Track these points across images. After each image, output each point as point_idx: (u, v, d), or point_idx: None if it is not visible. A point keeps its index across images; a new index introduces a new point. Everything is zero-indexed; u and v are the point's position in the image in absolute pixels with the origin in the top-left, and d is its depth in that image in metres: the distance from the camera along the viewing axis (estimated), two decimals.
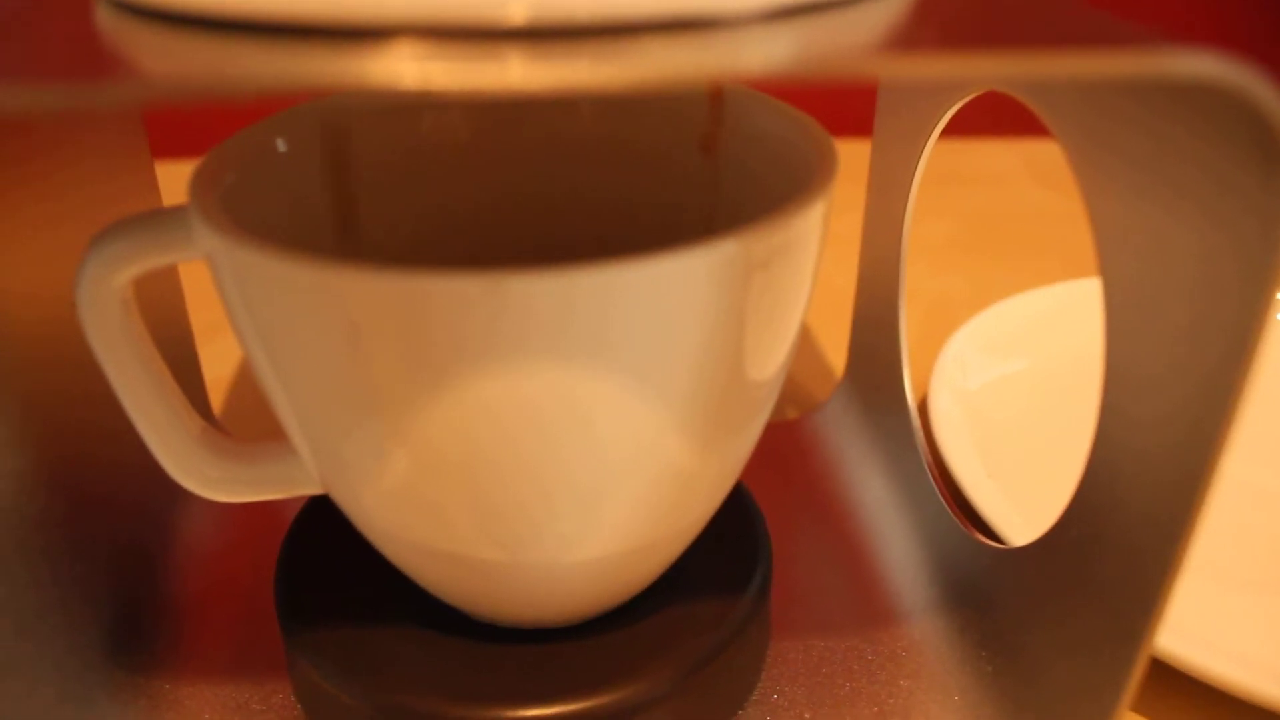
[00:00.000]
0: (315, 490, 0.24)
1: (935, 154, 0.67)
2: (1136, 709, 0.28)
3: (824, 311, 0.48)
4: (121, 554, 0.28)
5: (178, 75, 0.13)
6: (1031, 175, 0.66)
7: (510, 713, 0.23)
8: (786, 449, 0.36)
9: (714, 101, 0.26)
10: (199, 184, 0.21)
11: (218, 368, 0.44)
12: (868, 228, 0.35)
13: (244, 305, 0.19)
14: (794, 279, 0.20)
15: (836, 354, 0.45)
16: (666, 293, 0.17)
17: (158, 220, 0.21)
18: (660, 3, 0.15)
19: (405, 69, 0.13)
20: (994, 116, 0.82)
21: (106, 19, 0.17)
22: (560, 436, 0.19)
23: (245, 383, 0.43)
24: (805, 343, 0.46)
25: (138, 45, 0.16)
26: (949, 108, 0.28)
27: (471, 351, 0.17)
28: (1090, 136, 0.21)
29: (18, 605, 0.22)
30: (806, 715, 0.27)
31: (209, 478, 0.23)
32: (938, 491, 0.31)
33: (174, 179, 0.49)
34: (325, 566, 0.27)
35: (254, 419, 0.41)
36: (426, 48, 0.14)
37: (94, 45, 0.16)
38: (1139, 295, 0.20)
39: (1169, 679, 0.28)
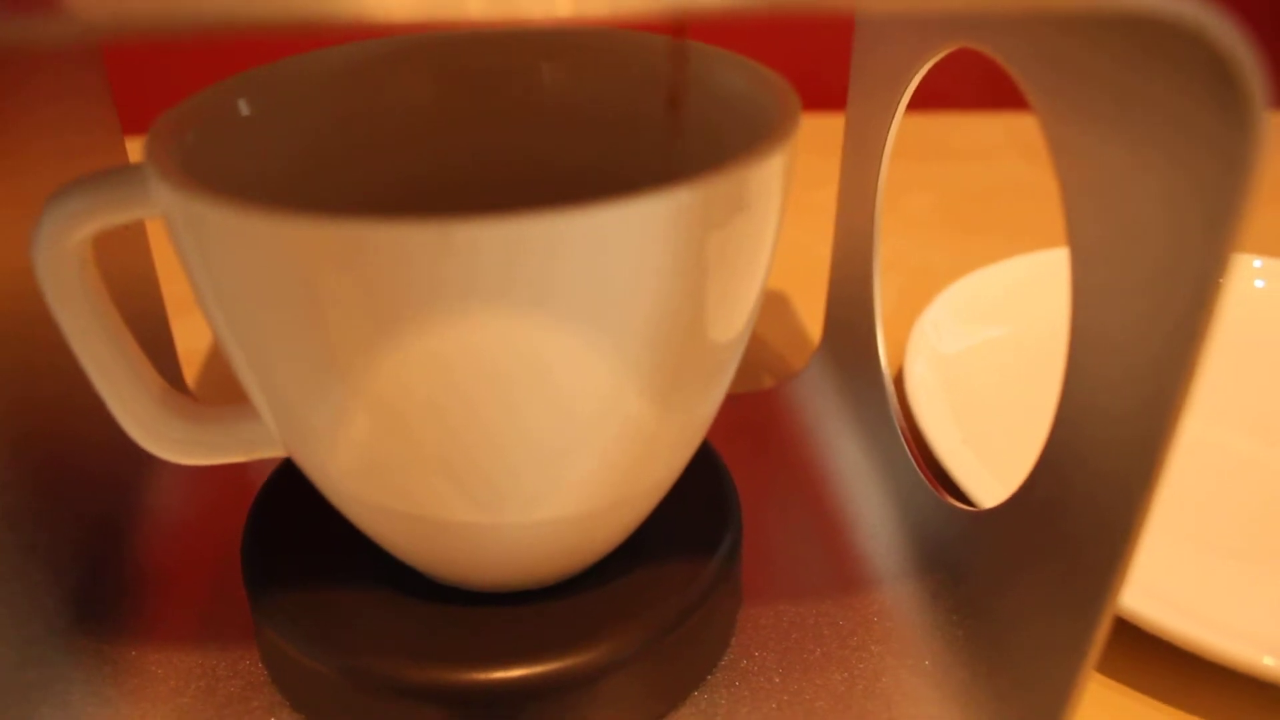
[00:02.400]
0: (278, 452, 0.24)
1: (918, 127, 0.67)
2: (1103, 671, 0.28)
3: (801, 281, 0.48)
4: (86, 522, 0.28)
5: (126, 5, 0.13)
6: (1015, 149, 0.66)
7: (475, 675, 0.23)
8: (762, 417, 0.36)
9: (678, 56, 0.25)
10: (156, 140, 0.21)
11: (191, 340, 0.43)
12: (842, 195, 0.35)
13: (201, 261, 0.19)
14: (753, 233, 0.20)
15: (813, 323, 0.45)
16: (616, 242, 0.17)
17: (115, 177, 0.21)
18: None
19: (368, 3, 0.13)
20: (977, 89, 0.82)
21: None
22: (515, 391, 0.19)
23: (220, 356, 0.43)
24: (782, 312, 0.46)
25: None
26: (920, 67, 0.28)
27: (422, 304, 0.17)
28: (1056, 92, 0.21)
29: None
30: (776, 680, 0.27)
31: (170, 439, 0.23)
32: (911, 457, 0.31)
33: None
34: (291, 533, 0.27)
35: (229, 393, 0.40)
36: None
37: None
38: (1105, 251, 0.20)
39: (1136, 642, 0.28)
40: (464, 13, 0.13)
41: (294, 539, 0.27)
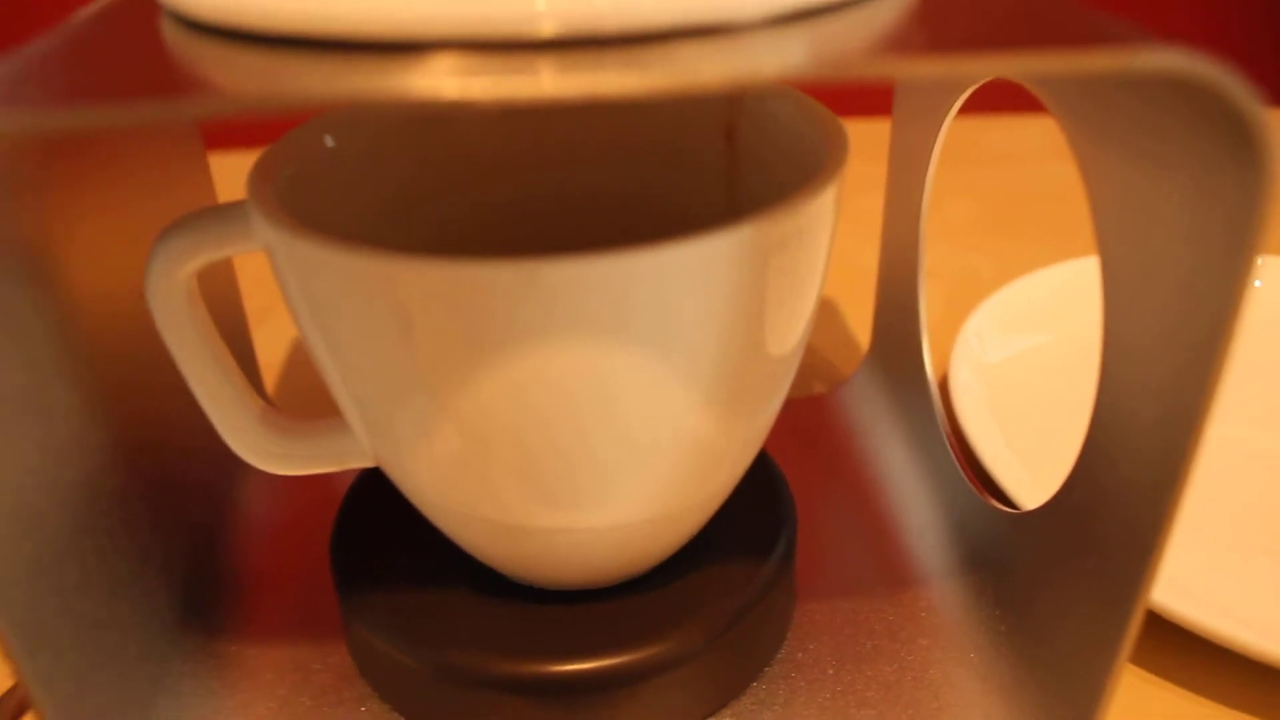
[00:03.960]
0: (367, 463, 0.26)
1: (957, 132, 0.68)
2: (1136, 662, 0.29)
3: (849, 289, 0.49)
4: (190, 528, 0.30)
5: (240, 91, 0.15)
6: (1054, 152, 0.67)
7: (550, 668, 0.25)
8: (813, 423, 0.38)
9: (735, 91, 0.27)
10: (257, 179, 0.23)
11: (268, 351, 0.46)
12: (888, 207, 0.36)
13: (301, 293, 0.21)
14: (808, 260, 0.22)
15: (862, 330, 0.46)
16: (685, 277, 0.19)
17: (218, 215, 0.23)
18: (678, 11, 0.16)
19: (445, 83, 0.15)
20: (1015, 94, 0.83)
21: (171, 34, 0.19)
22: (592, 412, 0.20)
23: (295, 364, 0.45)
24: (831, 320, 0.47)
25: (201, 60, 0.17)
26: (963, 91, 0.30)
27: (506, 333, 0.19)
28: (1086, 120, 0.22)
29: (106, 572, 0.24)
30: (830, 671, 0.28)
31: (270, 453, 0.25)
32: (956, 461, 0.32)
33: (224, 169, 0.51)
34: (376, 535, 0.29)
35: (305, 399, 0.43)
36: (464, 61, 0.16)
37: (163, 62, 0.17)
38: (1133, 267, 0.22)
39: (1168, 635, 0.30)
40: (539, 93, 0.14)
41: (379, 540, 0.29)
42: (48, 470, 0.22)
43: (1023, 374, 0.40)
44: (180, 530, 0.29)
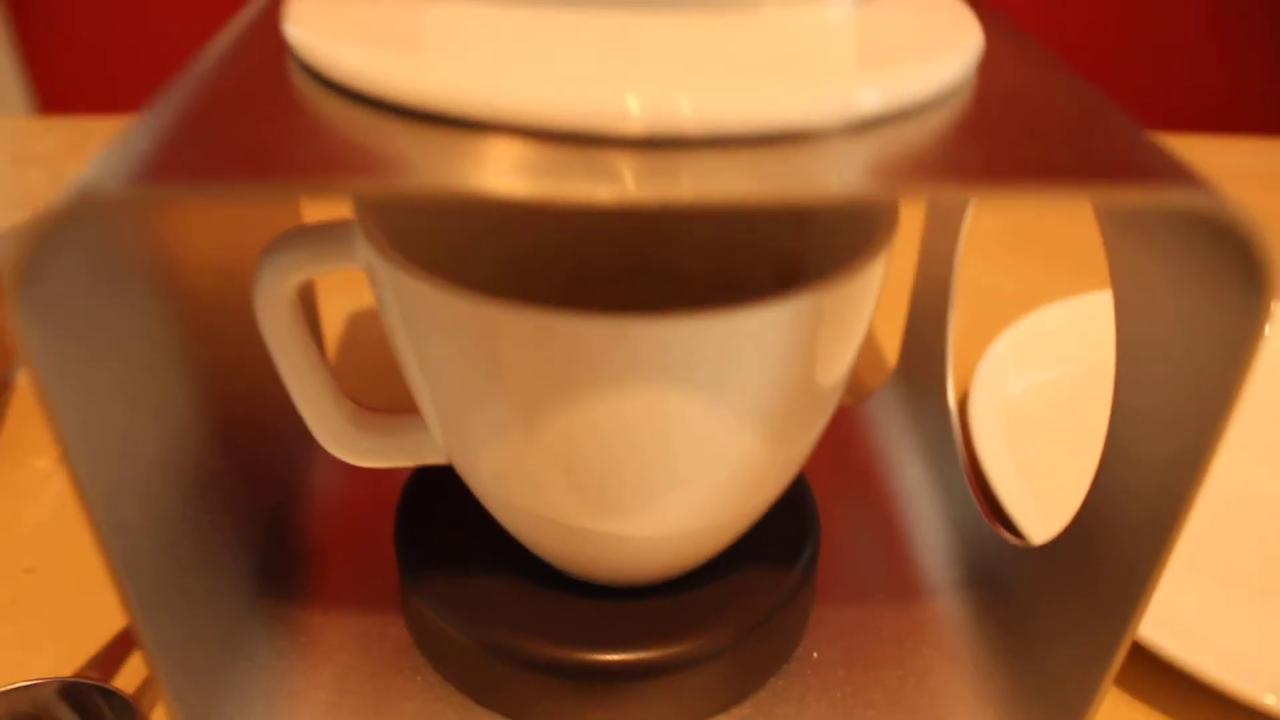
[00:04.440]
0: (441, 461, 0.29)
1: None
2: (1120, 685, 0.32)
3: (883, 303, 0.51)
4: (268, 509, 0.33)
5: (335, 179, 0.17)
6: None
7: (591, 656, 0.28)
8: (840, 433, 0.40)
9: None
10: (363, 207, 0.25)
11: (327, 323, 0.48)
12: (928, 229, 0.38)
13: (400, 317, 0.24)
14: (858, 318, 0.24)
15: (891, 345, 0.49)
16: (750, 337, 0.21)
17: (321, 236, 0.25)
18: (758, 119, 0.19)
19: (525, 184, 0.17)
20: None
21: (300, 84, 0.21)
22: (654, 445, 0.23)
23: (349, 348, 0.48)
24: (866, 338, 0.50)
25: (345, 128, 0.20)
26: None
27: (591, 377, 0.22)
28: (1116, 219, 0.25)
29: (204, 548, 0.27)
30: (841, 672, 0.31)
31: (356, 449, 0.28)
32: (969, 487, 0.35)
33: None
34: (437, 520, 0.32)
35: (358, 383, 0.45)
36: (550, 153, 0.18)
37: (306, 133, 0.19)
38: (1144, 351, 0.24)
39: (1151, 664, 0.32)
40: (620, 199, 0.17)
41: (439, 525, 0.31)
42: (166, 460, 0.25)
43: (1040, 405, 0.42)
44: (260, 510, 0.32)
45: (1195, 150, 0.73)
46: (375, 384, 0.45)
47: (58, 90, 0.82)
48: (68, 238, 0.19)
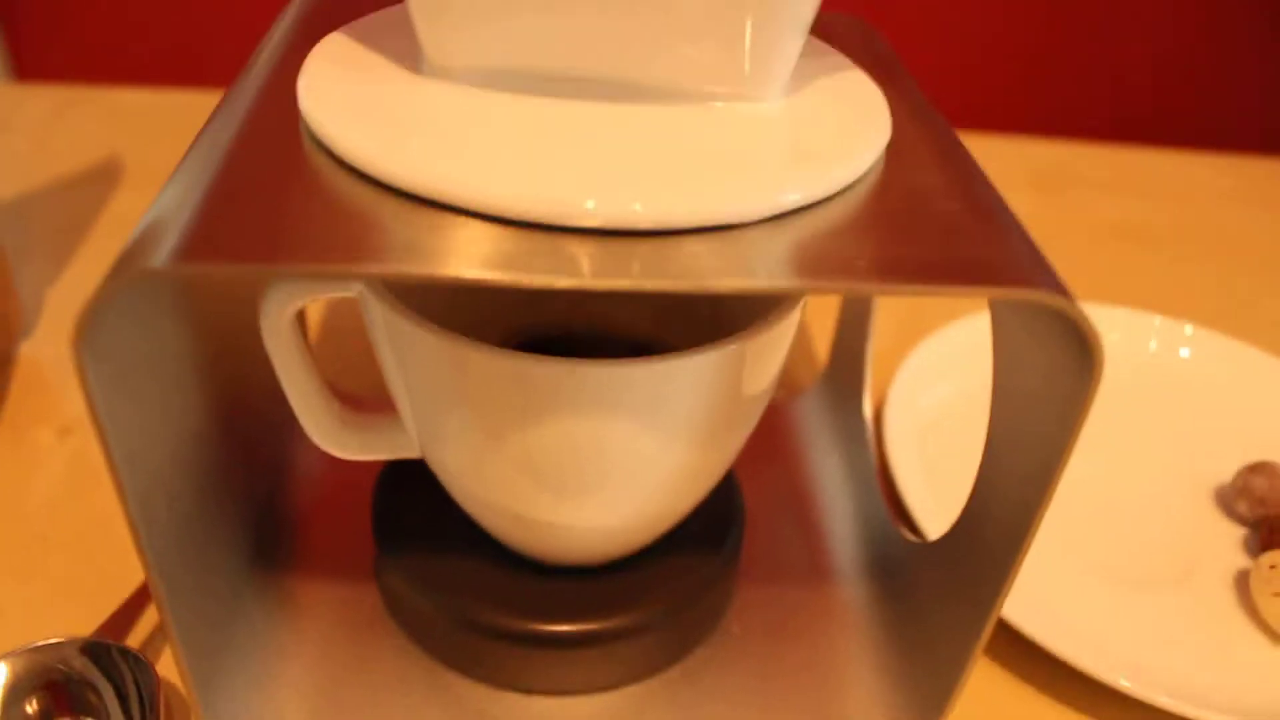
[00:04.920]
0: (415, 455, 0.33)
1: None
2: (990, 656, 0.37)
3: (821, 305, 0.56)
4: (261, 493, 0.37)
5: (338, 266, 0.21)
6: (1028, 178, 0.73)
7: (542, 626, 0.32)
8: (769, 427, 0.45)
9: None
10: None
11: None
12: None
13: (386, 342, 0.28)
14: (780, 349, 0.29)
15: (825, 344, 0.53)
16: (680, 378, 0.26)
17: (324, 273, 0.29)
18: (697, 215, 0.23)
19: (499, 272, 0.21)
20: (992, 110, 0.89)
21: (314, 158, 0.25)
22: (600, 458, 0.28)
23: (330, 335, 0.52)
24: (799, 336, 0.54)
25: (360, 214, 0.23)
26: None
27: (546, 405, 0.26)
28: (996, 304, 0.29)
29: (205, 525, 0.31)
30: (759, 644, 0.36)
31: (344, 444, 0.32)
32: (878, 488, 0.40)
33: None
34: (408, 503, 0.36)
35: (338, 368, 0.49)
36: (512, 239, 0.22)
37: (323, 217, 0.23)
38: (1013, 391, 0.29)
39: (1028, 650, 0.37)
40: (577, 283, 0.21)
41: (410, 508, 0.36)
42: (184, 457, 0.29)
43: (948, 414, 0.47)
44: (256, 495, 0.36)
45: (1164, 164, 0.78)
46: (353, 370, 0.49)
47: (37, 56, 0.83)
48: (118, 299, 0.23)
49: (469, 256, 0.21)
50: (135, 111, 0.71)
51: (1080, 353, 0.24)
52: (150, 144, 0.67)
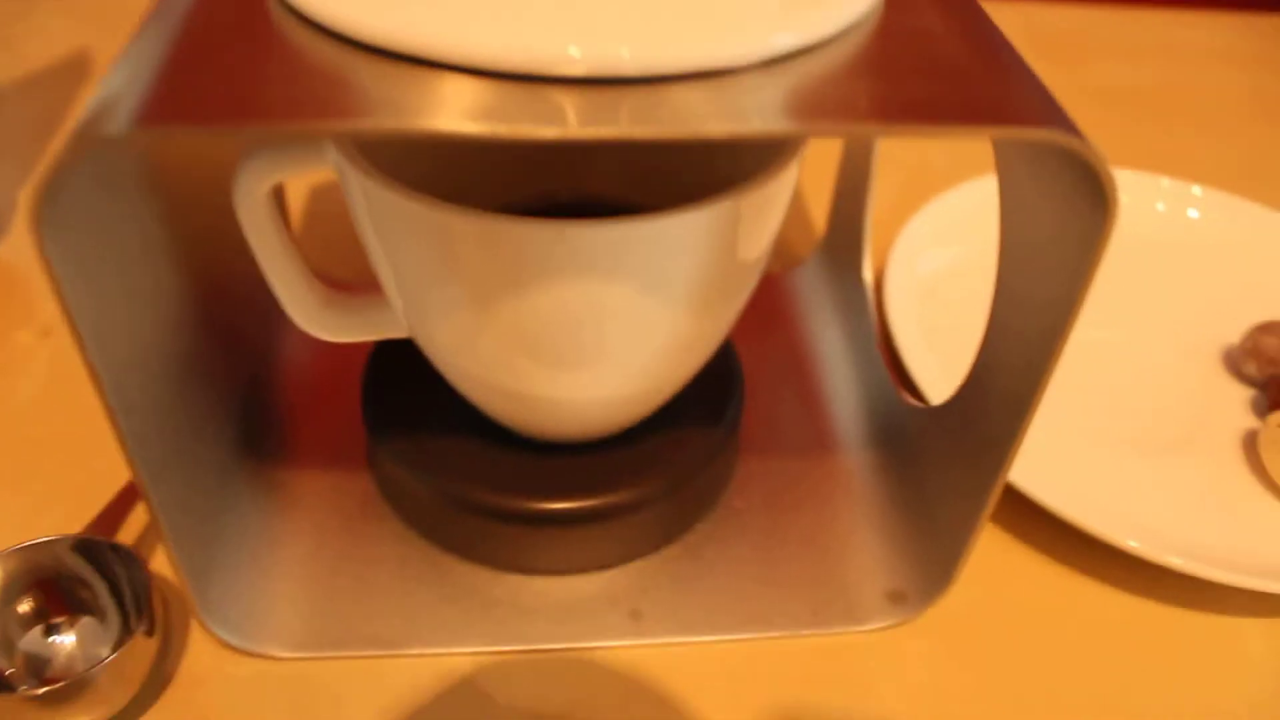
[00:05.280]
0: (402, 335, 0.32)
1: None
2: (996, 522, 0.37)
3: (815, 174, 0.54)
4: (247, 378, 0.36)
5: (308, 121, 0.19)
6: (1030, 43, 0.70)
7: (541, 505, 0.32)
8: (767, 300, 0.44)
9: None
10: None
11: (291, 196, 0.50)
12: None
13: (367, 216, 0.26)
14: (777, 209, 0.27)
15: (822, 214, 0.52)
16: (674, 238, 0.25)
17: (297, 143, 0.27)
18: (687, 61, 0.21)
19: (482, 124, 0.19)
20: None
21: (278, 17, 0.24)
22: (594, 326, 0.26)
23: (313, 219, 0.50)
24: (795, 203, 0.53)
25: (326, 67, 0.22)
26: None
27: (537, 271, 0.25)
28: (1001, 145, 0.28)
29: (187, 415, 0.30)
30: (760, 518, 0.35)
31: (328, 326, 0.31)
32: (880, 356, 0.39)
33: None
34: (398, 385, 0.35)
35: (322, 254, 0.48)
36: (499, 91, 0.20)
37: (294, 70, 0.21)
38: (1020, 247, 0.28)
39: (1035, 514, 0.37)
40: (563, 135, 0.20)
41: (400, 390, 0.35)
42: (160, 343, 0.28)
43: (950, 279, 0.46)
44: (238, 382, 0.35)
45: (1140, 23, 0.75)
46: (338, 256, 0.47)
47: None
48: (77, 168, 0.22)
49: (449, 110, 0.20)
50: (101, 7, 0.68)
51: (1092, 196, 0.23)
52: (118, 40, 0.65)
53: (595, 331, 0.27)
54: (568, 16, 0.22)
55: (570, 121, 0.20)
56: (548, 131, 0.20)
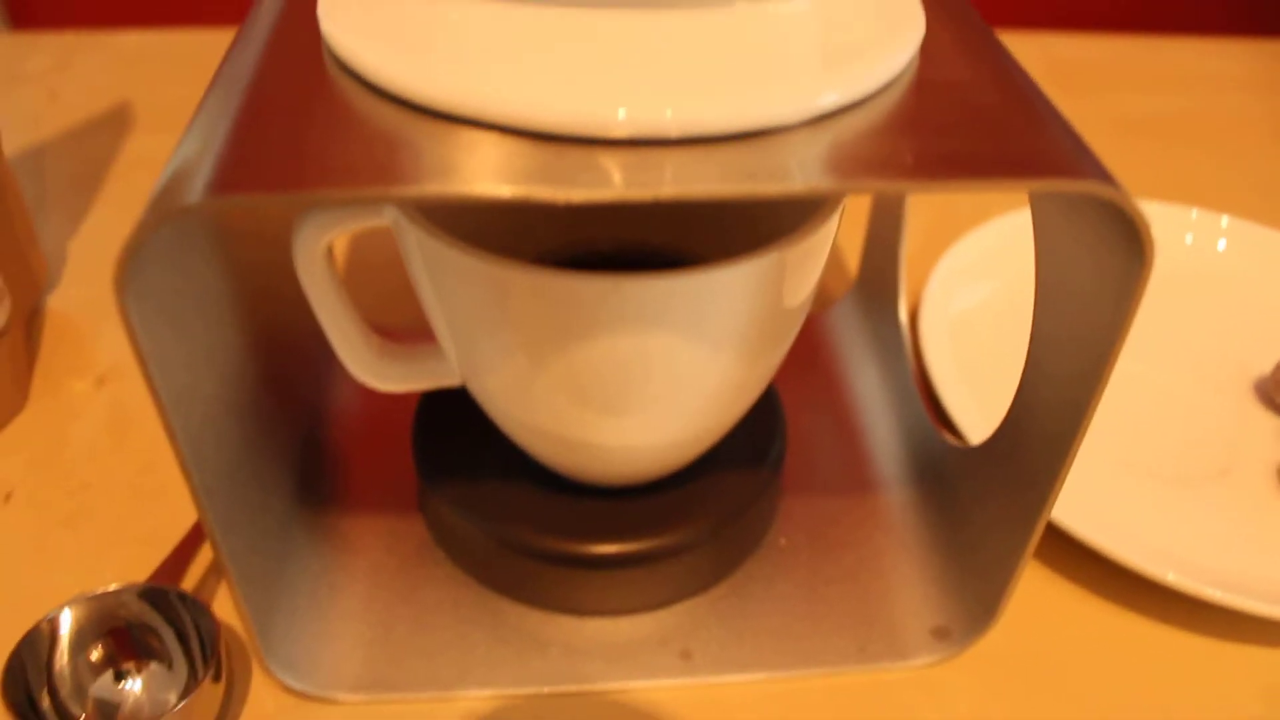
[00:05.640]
0: (456, 384, 0.33)
1: None
2: (1039, 559, 0.37)
3: (848, 215, 0.55)
4: (303, 431, 0.37)
5: (368, 189, 0.20)
6: (1051, 78, 0.71)
7: (589, 548, 0.33)
8: (805, 341, 0.45)
9: None
10: None
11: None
12: None
13: (424, 269, 0.27)
14: (820, 257, 0.28)
15: (855, 254, 0.52)
16: (722, 290, 0.25)
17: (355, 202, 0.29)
18: (731, 121, 0.22)
19: (532, 188, 0.20)
20: (1011, 9, 0.86)
21: (338, 79, 0.25)
22: (643, 375, 0.27)
23: (361, 269, 0.51)
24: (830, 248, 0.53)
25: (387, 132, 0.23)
26: None
27: (591, 325, 0.26)
28: (1038, 198, 0.29)
29: (251, 466, 0.31)
30: (804, 557, 0.36)
31: (384, 376, 0.32)
32: (918, 395, 0.40)
33: None
34: (449, 432, 0.36)
35: (371, 303, 0.49)
36: (548, 152, 0.21)
37: (357, 140, 0.23)
38: (1057, 290, 0.28)
39: (1065, 542, 0.37)
40: (610, 196, 0.21)
41: (451, 436, 0.36)
42: (224, 396, 0.29)
43: (984, 315, 0.46)
44: (296, 434, 0.36)
45: (1160, 52, 0.76)
46: (387, 305, 0.48)
47: (32, 4, 0.82)
48: (154, 239, 0.23)
49: (503, 174, 0.21)
50: (141, 54, 0.70)
51: (1129, 244, 0.24)
52: (159, 86, 0.66)
53: (645, 379, 0.28)
54: (614, 79, 0.23)
55: (616, 183, 0.21)
56: (598, 194, 0.21)
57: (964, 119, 0.24)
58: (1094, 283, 0.26)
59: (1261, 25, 0.87)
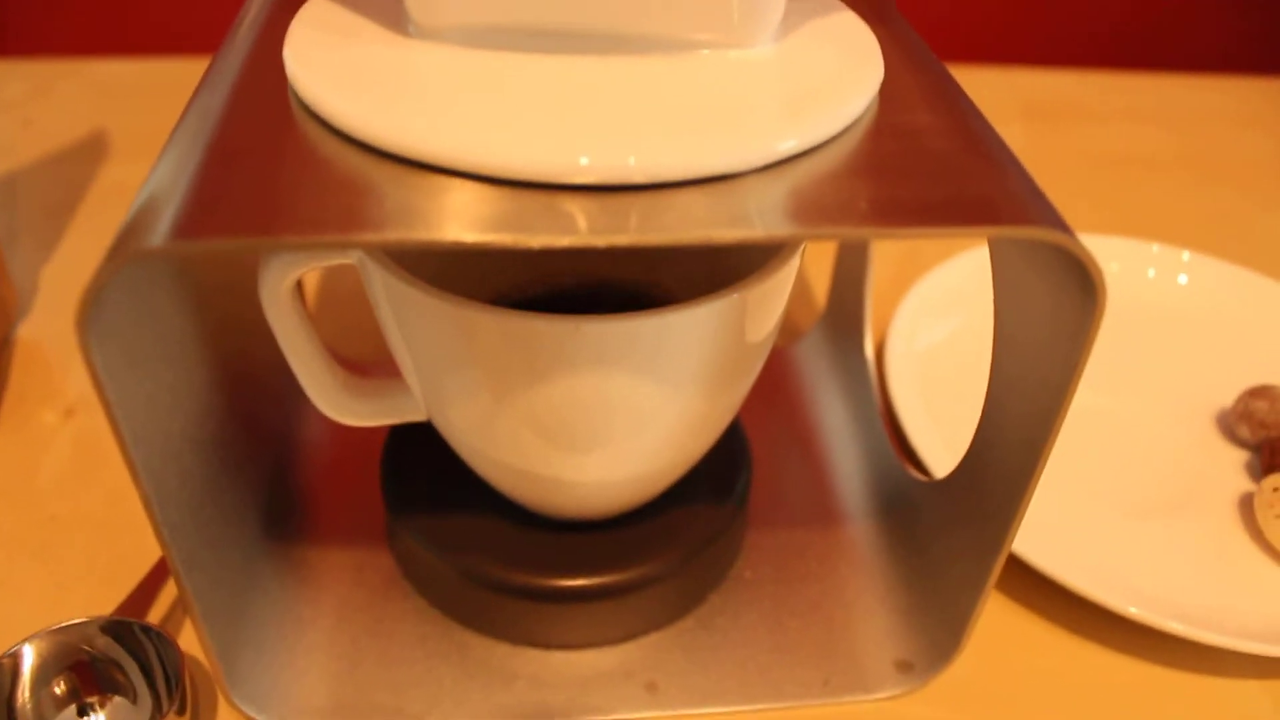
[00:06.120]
0: (422, 419, 0.33)
1: None
2: (1001, 590, 0.38)
3: (815, 251, 0.56)
4: (269, 465, 0.38)
5: (334, 235, 0.21)
6: (1022, 111, 0.72)
7: (554, 581, 0.33)
8: (771, 375, 0.45)
9: None
10: None
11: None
12: None
13: (388, 308, 0.28)
14: (781, 296, 0.29)
15: (823, 287, 0.53)
16: (680, 331, 0.26)
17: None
18: (692, 167, 0.23)
19: (497, 235, 0.21)
20: (981, 40, 0.88)
21: (303, 124, 0.25)
22: (606, 413, 0.28)
23: (328, 302, 0.51)
24: (796, 280, 0.54)
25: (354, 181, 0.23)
26: None
27: (555, 362, 0.26)
28: (997, 242, 0.29)
29: (216, 500, 0.31)
30: (770, 588, 0.36)
31: (350, 411, 0.32)
32: (884, 429, 0.40)
33: None
34: (416, 466, 0.36)
35: (337, 335, 0.49)
36: (514, 198, 0.22)
37: (323, 186, 0.23)
38: (1015, 331, 0.29)
39: (1036, 581, 0.38)
40: (573, 242, 0.21)
41: (418, 470, 0.36)
42: (189, 431, 0.29)
43: (948, 351, 0.47)
44: (262, 467, 0.37)
45: (1161, 89, 0.77)
46: (354, 338, 0.49)
47: (15, 31, 0.82)
48: (116, 280, 0.23)
49: (467, 220, 0.21)
50: (119, 83, 0.70)
51: (1082, 287, 0.24)
52: (136, 116, 0.66)
53: (607, 417, 0.28)
54: (578, 126, 0.23)
55: (581, 229, 0.21)
56: (564, 240, 0.21)
57: (920, 164, 0.24)
58: (1050, 323, 0.27)
59: (1231, 61, 0.88)
